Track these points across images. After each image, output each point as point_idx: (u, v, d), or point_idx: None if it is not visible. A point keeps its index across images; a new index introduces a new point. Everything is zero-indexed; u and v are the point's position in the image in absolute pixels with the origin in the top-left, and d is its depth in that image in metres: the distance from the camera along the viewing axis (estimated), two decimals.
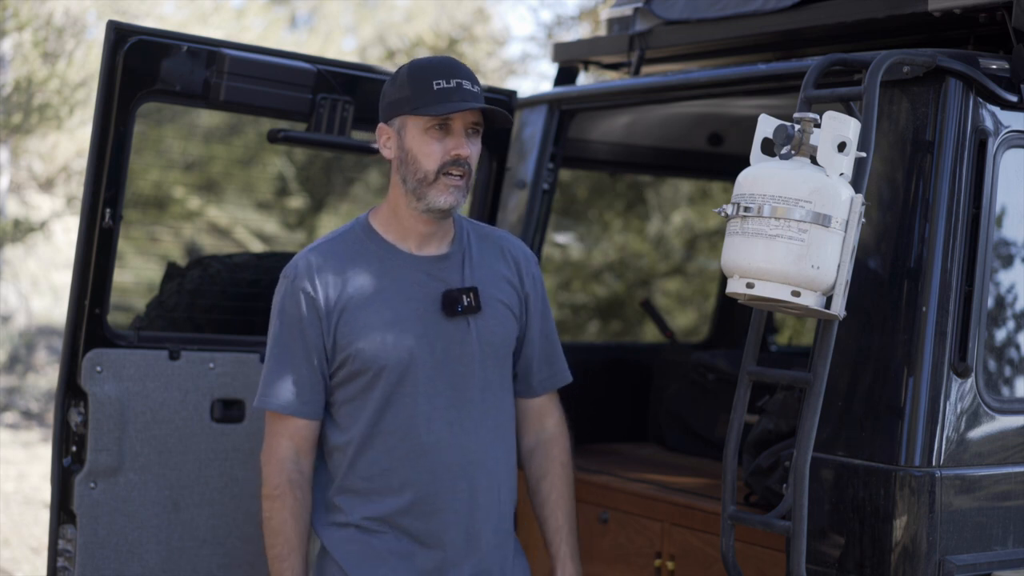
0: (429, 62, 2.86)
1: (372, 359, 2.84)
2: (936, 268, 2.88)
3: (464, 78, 2.83)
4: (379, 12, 21.04)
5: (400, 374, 2.85)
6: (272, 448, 2.90)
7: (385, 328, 2.85)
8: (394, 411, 2.86)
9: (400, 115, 2.86)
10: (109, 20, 3.32)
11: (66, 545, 3.46)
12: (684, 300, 10.58)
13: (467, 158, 2.84)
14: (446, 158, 2.83)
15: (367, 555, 2.88)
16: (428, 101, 2.80)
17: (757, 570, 3.29)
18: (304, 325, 2.86)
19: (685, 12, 3.89)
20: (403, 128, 2.86)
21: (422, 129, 2.83)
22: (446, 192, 2.83)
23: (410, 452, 2.86)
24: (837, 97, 2.89)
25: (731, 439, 2.92)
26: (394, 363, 2.84)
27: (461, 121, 2.84)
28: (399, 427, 2.86)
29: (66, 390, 3.46)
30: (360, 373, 2.86)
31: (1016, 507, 2.95)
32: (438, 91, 2.80)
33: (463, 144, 2.83)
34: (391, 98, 2.88)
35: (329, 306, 2.86)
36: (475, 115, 2.86)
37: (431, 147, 2.83)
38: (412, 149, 2.84)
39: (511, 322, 2.98)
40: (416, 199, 2.86)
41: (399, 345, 2.85)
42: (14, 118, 10.77)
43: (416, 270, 2.91)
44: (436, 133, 2.83)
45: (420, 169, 2.84)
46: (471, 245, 2.98)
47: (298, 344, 2.87)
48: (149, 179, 9.80)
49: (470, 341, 2.90)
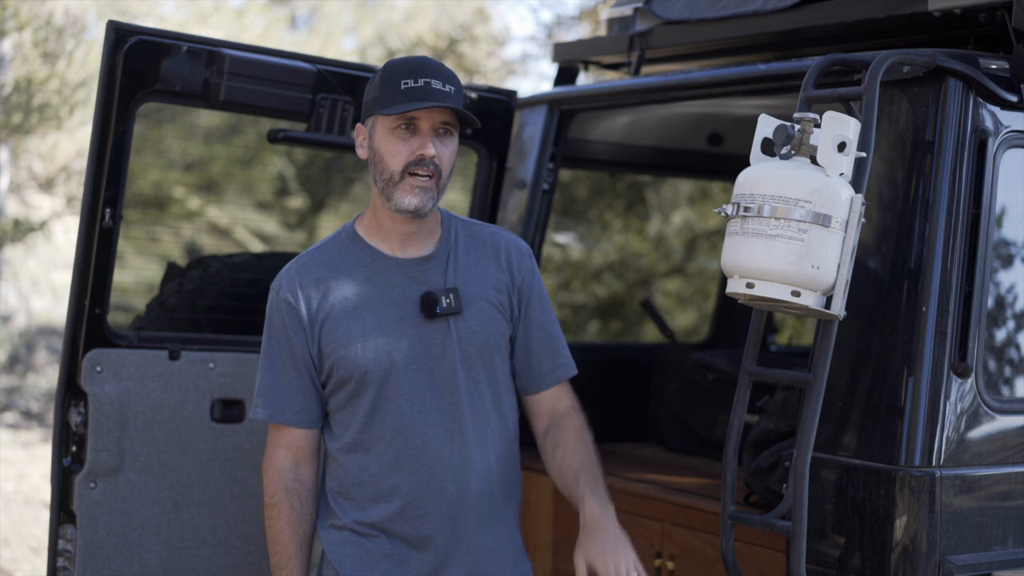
0: (402, 62, 2.84)
1: (354, 366, 2.85)
2: (936, 268, 2.88)
3: (434, 77, 2.79)
4: (379, 12, 21.06)
5: (382, 379, 2.85)
6: (271, 458, 2.92)
7: (365, 335, 2.85)
8: (381, 416, 2.86)
9: (372, 115, 2.85)
10: (109, 20, 3.32)
11: (66, 545, 3.45)
12: (684, 300, 10.57)
13: (432, 158, 2.80)
14: (411, 158, 2.80)
15: (361, 558, 2.88)
16: (395, 99, 2.78)
17: (757, 570, 3.29)
18: (290, 336, 2.88)
19: (685, 12, 3.89)
20: (373, 128, 2.85)
21: (389, 129, 2.81)
22: (411, 193, 2.81)
23: (398, 457, 2.86)
24: (837, 97, 2.89)
25: (731, 439, 2.92)
26: (375, 369, 2.84)
27: (428, 121, 2.80)
28: (386, 432, 2.86)
29: (66, 390, 3.46)
30: (346, 381, 2.87)
31: (1016, 507, 2.94)
32: (404, 90, 2.77)
33: (428, 144, 2.79)
34: (366, 98, 2.88)
35: (311, 316, 2.87)
36: (445, 115, 2.81)
37: (396, 147, 2.81)
38: (379, 149, 2.83)
39: (498, 321, 2.95)
40: (386, 199, 2.85)
41: (379, 351, 2.85)
42: (14, 118, 10.77)
43: (398, 273, 2.90)
44: (402, 133, 2.81)
45: (386, 169, 2.82)
46: (458, 245, 2.95)
47: (286, 355, 2.89)
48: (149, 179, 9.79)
49: (451, 343, 2.88)
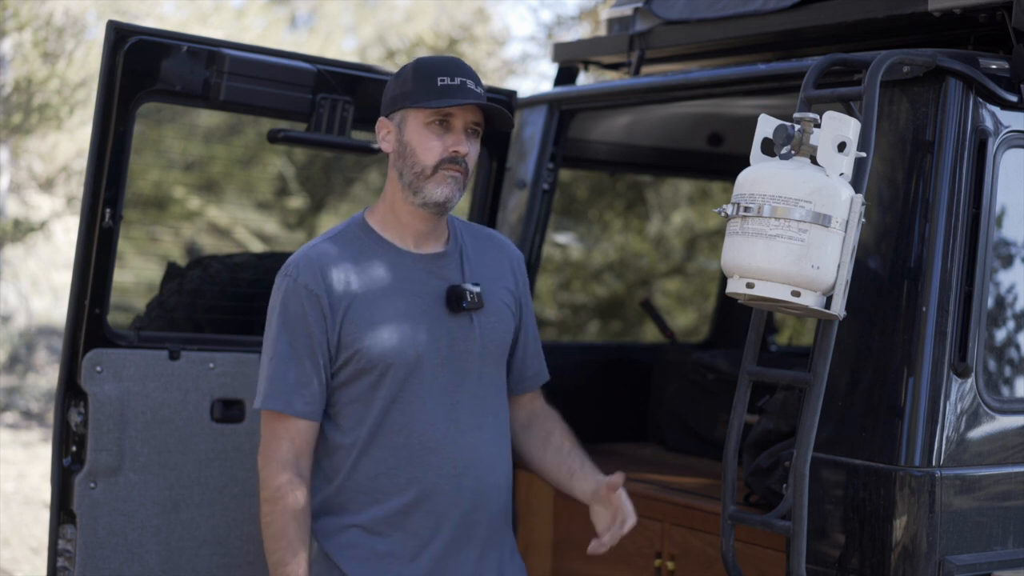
0: (435, 59, 2.87)
1: (379, 357, 2.82)
2: (936, 268, 2.88)
3: (468, 78, 2.84)
4: (379, 12, 21.06)
5: (407, 372, 2.83)
6: (271, 450, 2.84)
7: (391, 326, 2.83)
8: (399, 409, 2.84)
9: (401, 109, 2.85)
10: (109, 20, 3.32)
11: (66, 545, 3.45)
12: (684, 300, 10.58)
13: (465, 156, 2.83)
14: (445, 154, 2.82)
15: (369, 560, 2.85)
16: (431, 95, 2.80)
17: (757, 570, 3.29)
18: (309, 323, 2.82)
19: (685, 12, 3.89)
20: (403, 122, 2.86)
21: (423, 123, 2.83)
22: (443, 184, 2.82)
23: (416, 450, 2.85)
24: (837, 97, 2.89)
25: (731, 439, 2.92)
26: (401, 361, 2.83)
27: (462, 119, 2.84)
28: (404, 425, 2.85)
29: (66, 390, 3.46)
30: (366, 371, 2.83)
31: (1016, 507, 2.94)
32: (442, 87, 2.80)
33: (462, 141, 2.83)
34: (394, 92, 2.88)
35: (334, 303, 2.83)
36: (476, 115, 2.85)
37: (431, 142, 2.82)
38: (411, 143, 2.84)
39: (510, 320, 2.99)
40: (412, 193, 2.85)
41: (405, 343, 2.83)
42: (14, 118, 10.77)
43: (417, 268, 2.90)
44: (436, 129, 2.83)
45: (418, 163, 2.83)
46: (466, 244, 2.98)
47: (302, 343, 2.83)
48: (149, 179, 9.80)
49: (474, 337, 2.90)
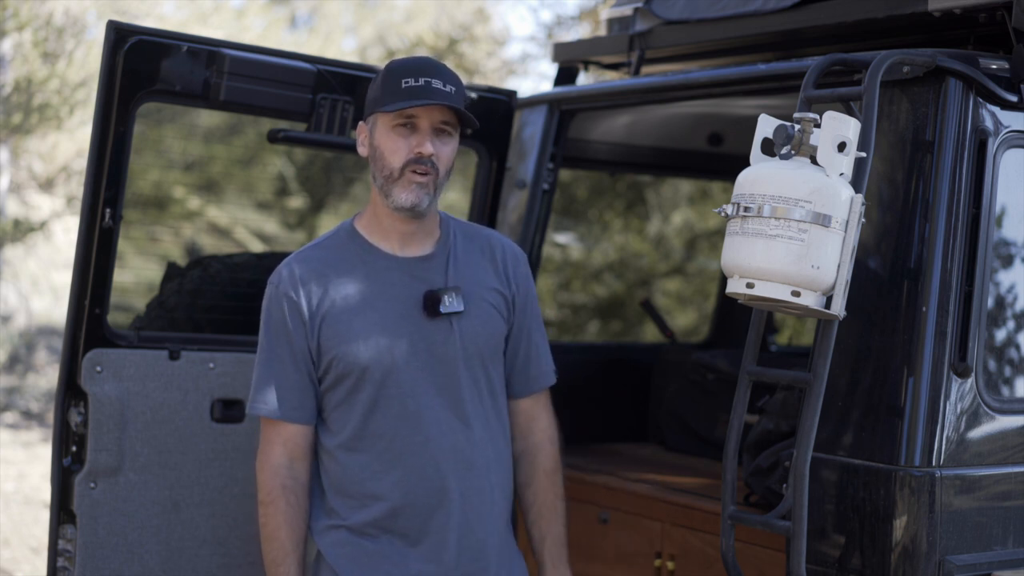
0: (404, 62, 2.88)
1: (354, 362, 2.85)
2: (936, 268, 2.88)
3: (436, 77, 2.83)
4: (379, 12, 21.06)
5: (383, 376, 2.86)
6: (266, 454, 2.91)
7: (367, 331, 2.86)
8: (381, 413, 2.87)
9: (372, 113, 2.88)
10: (109, 20, 3.32)
11: (66, 545, 3.45)
12: (684, 300, 10.57)
13: (430, 156, 2.83)
14: (410, 155, 2.83)
15: (359, 559, 2.88)
16: (396, 97, 2.81)
17: (757, 570, 3.29)
18: (290, 331, 2.88)
19: (685, 12, 3.89)
20: (374, 126, 2.88)
21: (389, 126, 2.85)
22: (408, 189, 2.83)
23: (399, 454, 2.86)
24: (837, 97, 2.89)
25: (731, 439, 2.92)
26: (375, 365, 2.85)
27: (428, 119, 2.83)
28: (387, 430, 2.87)
29: (66, 390, 3.46)
30: (345, 376, 2.87)
31: (1016, 507, 2.95)
32: (406, 88, 2.81)
33: (426, 142, 2.83)
34: (368, 96, 2.91)
35: (312, 311, 2.88)
36: (444, 114, 2.84)
37: (396, 144, 2.84)
38: (380, 146, 2.86)
39: (497, 322, 2.97)
40: (385, 196, 2.88)
41: (380, 347, 2.85)
42: (14, 118, 10.76)
43: (398, 271, 2.91)
44: (402, 131, 2.84)
45: (386, 166, 2.85)
46: (457, 245, 2.98)
47: (285, 350, 2.89)
48: (149, 179, 9.79)
49: (453, 341, 2.90)
